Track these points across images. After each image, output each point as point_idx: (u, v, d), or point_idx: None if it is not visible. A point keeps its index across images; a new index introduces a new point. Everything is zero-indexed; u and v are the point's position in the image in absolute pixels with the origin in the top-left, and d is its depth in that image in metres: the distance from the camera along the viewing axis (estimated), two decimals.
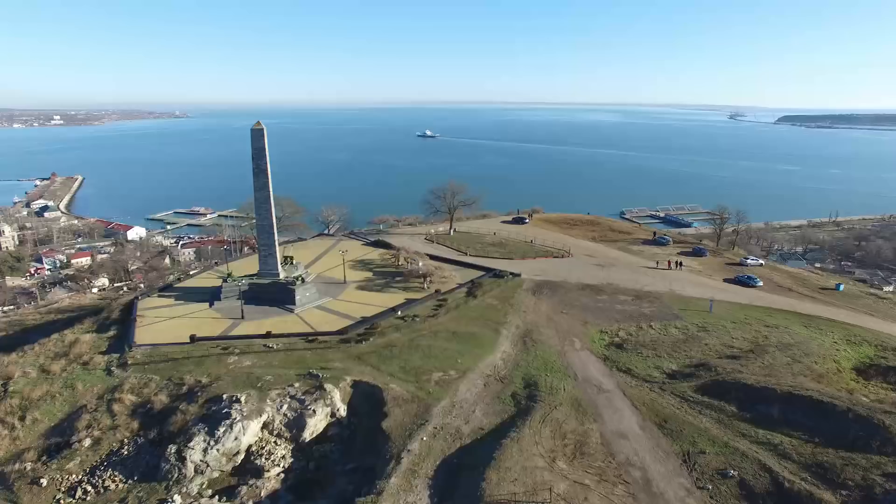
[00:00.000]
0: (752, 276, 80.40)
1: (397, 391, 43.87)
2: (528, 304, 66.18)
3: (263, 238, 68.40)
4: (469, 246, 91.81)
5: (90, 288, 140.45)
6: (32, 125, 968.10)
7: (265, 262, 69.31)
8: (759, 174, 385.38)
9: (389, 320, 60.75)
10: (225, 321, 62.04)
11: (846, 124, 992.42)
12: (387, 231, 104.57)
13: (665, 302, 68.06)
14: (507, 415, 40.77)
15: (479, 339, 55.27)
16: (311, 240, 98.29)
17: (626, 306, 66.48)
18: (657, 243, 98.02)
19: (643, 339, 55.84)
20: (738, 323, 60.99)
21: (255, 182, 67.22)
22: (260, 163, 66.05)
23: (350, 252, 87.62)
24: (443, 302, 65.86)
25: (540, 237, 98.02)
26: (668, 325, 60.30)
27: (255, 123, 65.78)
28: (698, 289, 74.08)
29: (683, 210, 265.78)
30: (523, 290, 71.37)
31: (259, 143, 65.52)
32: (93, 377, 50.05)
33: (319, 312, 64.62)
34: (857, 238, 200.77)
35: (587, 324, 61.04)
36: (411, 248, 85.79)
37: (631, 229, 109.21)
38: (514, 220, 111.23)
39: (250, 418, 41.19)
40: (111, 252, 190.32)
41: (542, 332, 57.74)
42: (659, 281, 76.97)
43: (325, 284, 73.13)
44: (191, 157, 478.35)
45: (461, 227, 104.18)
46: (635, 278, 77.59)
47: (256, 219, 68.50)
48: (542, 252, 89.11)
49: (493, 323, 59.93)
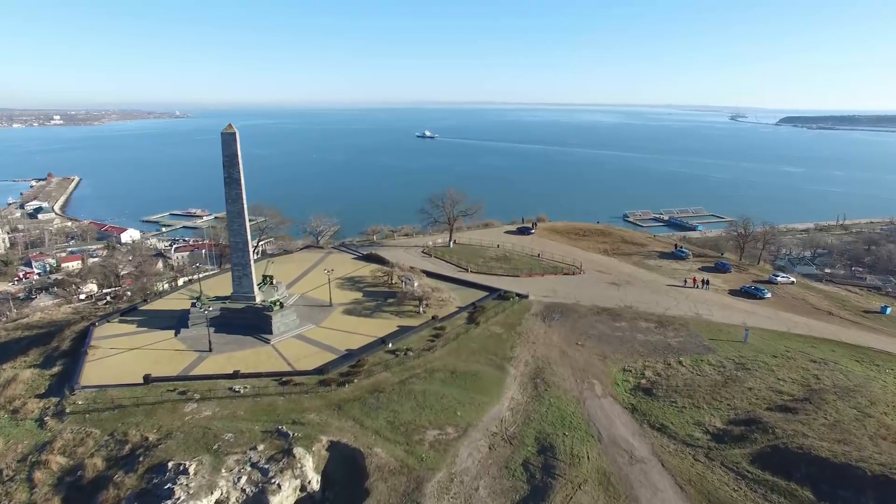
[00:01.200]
0: (759, 287, 74.55)
1: (383, 458, 35.72)
2: (537, 333, 58.04)
3: (237, 257, 60.19)
4: (470, 261, 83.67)
5: (77, 294, 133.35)
6: (32, 125, 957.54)
7: (239, 284, 61.12)
8: (762, 176, 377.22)
9: (378, 354, 52.65)
10: (190, 354, 53.86)
11: (847, 125, 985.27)
12: (380, 243, 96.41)
13: (692, 330, 59.93)
14: (519, 496, 32.62)
15: (483, 381, 47.14)
16: (298, 253, 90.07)
17: (649, 335, 58.35)
18: (676, 257, 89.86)
19: (675, 382, 47.66)
20: (781, 358, 52.86)
21: (226, 193, 59.01)
22: (232, 171, 57.83)
23: (339, 267, 79.62)
24: (440, 331, 57.75)
25: (547, 250, 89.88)
26: (700, 361, 52.17)
27: (227, 126, 57.60)
28: (727, 312, 65.96)
29: (687, 213, 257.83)
30: (531, 314, 63.27)
31: (231, 148, 57.34)
32: (20, 430, 41.94)
33: (299, 343, 56.45)
34: (866, 242, 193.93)
35: (606, 359, 52.90)
36: (406, 263, 77.70)
37: (645, 241, 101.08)
38: (518, 230, 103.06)
39: (198, 497, 33.01)
40: (103, 255, 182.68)
41: (555, 370, 49.60)
42: (682, 303, 68.85)
43: (308, 308, 64.98)
44: (190, 158, 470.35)
45: (462, 239, 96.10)
46: (656, 300, 69.47)
47: (229, 235, 60.29)
48: (551, 268, 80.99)
49: (497, 358, 51.84)
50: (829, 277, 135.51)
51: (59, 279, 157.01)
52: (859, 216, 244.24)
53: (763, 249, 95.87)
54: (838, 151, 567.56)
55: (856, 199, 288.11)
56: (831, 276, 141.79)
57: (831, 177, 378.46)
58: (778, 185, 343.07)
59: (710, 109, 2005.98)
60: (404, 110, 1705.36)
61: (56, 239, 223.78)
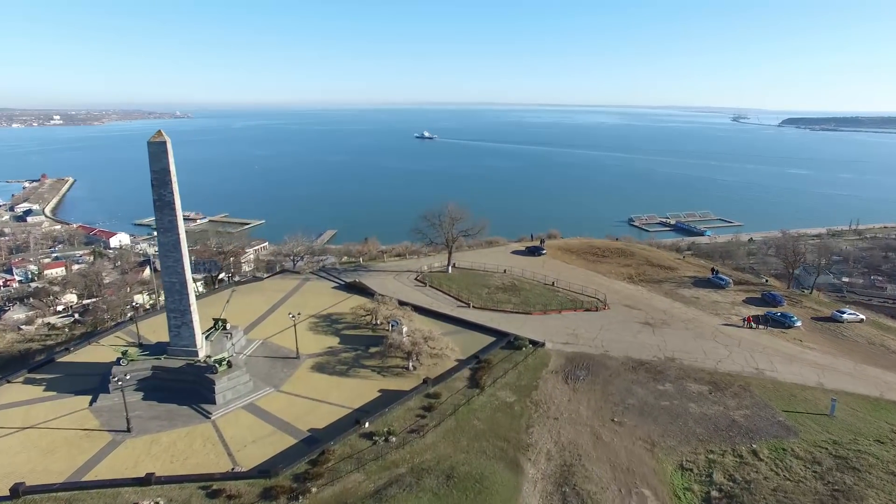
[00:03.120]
0: (786, 314, 64.08)
1: None
2: (559, 403, 44.72)
3: (173, 301, 46.78)
4: (472, 291, 70.30)
5: (55, 306, 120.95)
6: (31, 125, 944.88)
7: (177, 335, 47.74)
8: (767, 178, 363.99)
9: (350, 440, 39.32)
10: (100, 437, 40.55)
11: (850, 127, 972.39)
12: (367, 266, 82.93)
13: (757, 396, 46.59)
14: None
15: (490, 493, 33.78)
16: (270, 280, 76.55)
17: (705, 405, 44.99)
18: (713, 285, 76.40)
19: (757, 488, 34.31)
20: (889, 444, 39.54)
21: (157, 220, 45.70)
22: (163, 192, 44.46)
23: (315, 300, 66.58)
24: (434, 400, 44.40)
25: (563, 276, 76.54)
26: (782, 451, 38.81)
27: (155, 134, 44.22)
28: (795, 367, 52.63)
29: (695, 217, 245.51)
30: (550, 371, 50.00)
31: (160, 162, 43.96)
32: None
33: (249, 418, 43.10)
34: (883, 249, 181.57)
35: (655, 447, 39.53)
36: (395, 297, 64.33)
37: (674, 263, 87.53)
38: (527, 249, 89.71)
39: None
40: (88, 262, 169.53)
41: (589, 470, 36.24)
42: (735, 351, 55.55)
43: (269, 361, 51.71)
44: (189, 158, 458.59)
45: (462, 261, 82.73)
46: (702, 348, 56.15)
47: (162, 273, 46.82)
48: (569, 302, 67.59)
49: (510, 447, 38.53)
50: (850, 288, 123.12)
51: (38, 288, 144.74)
52: (872, 221, 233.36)
53: (818, 274, 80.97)
54: (844, 153, 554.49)
55: (867, 203, 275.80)
56: (850, 285, 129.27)
57: (839, 179, 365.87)
58: (785, 188, 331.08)
59: (711, 111, 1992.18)
60: (404, 111, 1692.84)
61: (42, 243, 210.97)
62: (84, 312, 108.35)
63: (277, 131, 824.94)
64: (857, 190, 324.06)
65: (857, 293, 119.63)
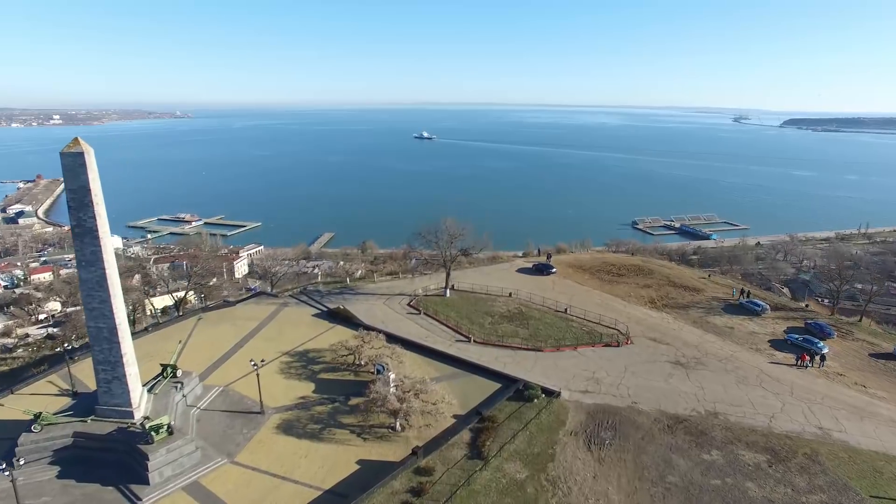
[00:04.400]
0: (810, 338, 57.46)
1: None
2: (582, 482, 35.46)
3: (101, 352, 37.42)
4: (473, 320, 60.95)
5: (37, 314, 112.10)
6: (31, 125, 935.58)
7: (108, 391, 38.37)
8: (771, 180, 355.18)
9: None
10: None
11: (853, 128, 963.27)
12: (355, 288, 73.43)
13: (831, 471, 37.26)
14: None
15: None
16: (243, 305, 66.95)
17: (767, 486, 35.65)
18: (747, 311, 66.90)
19: None
20: None
21: (76, 250, 36.28)
22: (82, 216, 35.08)
23: (292, 332, 57.47)
24: (425, 479, 35.10)
25: (576, 301, 67.23)
26: None
27: (70, 143, 34.98)
28: (869, 425, 43.24)
29: (699, 220, 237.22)
30: (568, 433, 40.74)
31: (78, 179, 34.65)
32: None
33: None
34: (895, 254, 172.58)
35: None
36: (384, 325, 55.08)
37: (699, 283, 78.08)
38: (534, 267, 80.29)
39: None
40: None
41: None
42: (788, 402, 46.21)
43: (227, 417, 42.41)
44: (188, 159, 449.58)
45: (462, 281, 73.30)
46: (747, 397, 46.81)
47: (86, 317, 37.46)
48: (586, 334, 58.21)
49: None
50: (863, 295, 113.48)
51: (22, 294, 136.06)
52: (882, 224, 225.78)
53: (868, 300, 70.21)
54: (847, 154, 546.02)
55: (875, 206, 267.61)
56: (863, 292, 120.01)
57: (845, 181, 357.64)
58: (789, 190, 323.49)
59: (712, 111, 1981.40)
60: (405, 111, 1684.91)
61: (31, 247, 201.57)
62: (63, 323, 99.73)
63: (277, 131, 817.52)
64: (864, 192, 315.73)
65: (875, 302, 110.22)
